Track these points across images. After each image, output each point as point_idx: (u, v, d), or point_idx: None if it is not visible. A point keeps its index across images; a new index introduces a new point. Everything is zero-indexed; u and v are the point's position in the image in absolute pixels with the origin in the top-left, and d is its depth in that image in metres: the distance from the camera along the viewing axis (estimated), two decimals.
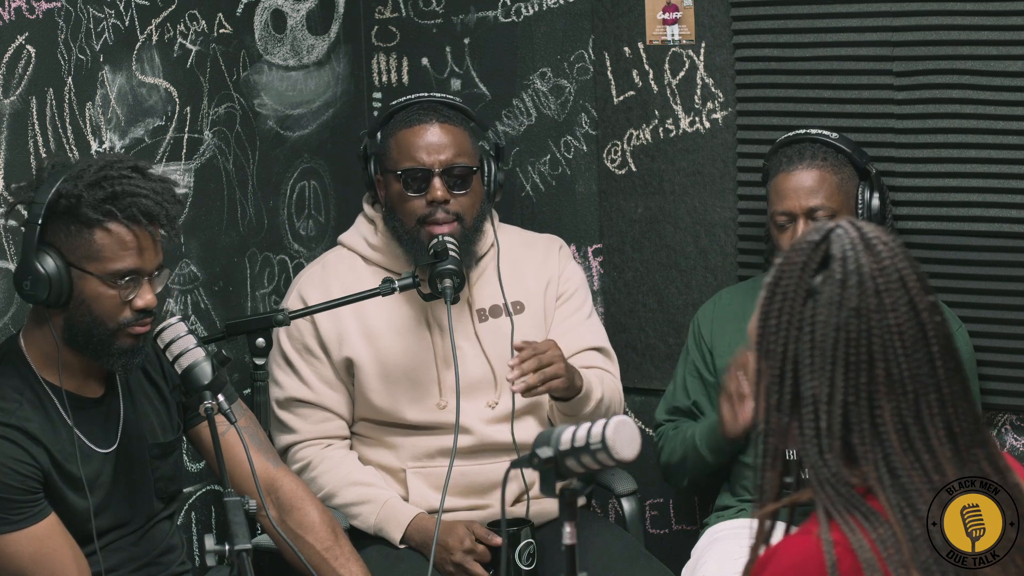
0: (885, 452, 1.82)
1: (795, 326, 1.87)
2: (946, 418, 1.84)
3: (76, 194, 2.67)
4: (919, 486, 1.82)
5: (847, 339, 1.84)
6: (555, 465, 2.08)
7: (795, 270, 1.89)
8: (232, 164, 3.71)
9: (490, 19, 3.99)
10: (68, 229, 2.70)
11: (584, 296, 3.59)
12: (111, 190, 2.68)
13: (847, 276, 1.85)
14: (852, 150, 3.44)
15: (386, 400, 3.43)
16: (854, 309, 1.84)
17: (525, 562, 3.21)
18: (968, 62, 3.44)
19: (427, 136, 3.40)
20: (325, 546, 3.02)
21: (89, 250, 2.70)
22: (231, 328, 3.18)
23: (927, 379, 1.84)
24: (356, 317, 3.42)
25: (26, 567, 2.71)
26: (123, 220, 2.70)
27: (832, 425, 1.84)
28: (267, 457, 3.05)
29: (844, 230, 1.89)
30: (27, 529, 2.71)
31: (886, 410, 1.83)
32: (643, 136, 3.85)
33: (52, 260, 2.69)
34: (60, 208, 2.69)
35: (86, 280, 2.71)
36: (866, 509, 1.81)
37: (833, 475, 1.83)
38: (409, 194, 3.38)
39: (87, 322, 2.73)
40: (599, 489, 3.69)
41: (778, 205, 3.41)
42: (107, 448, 2.84)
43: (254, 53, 3.78)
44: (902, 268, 1.86)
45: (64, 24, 3.23)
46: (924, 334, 1.85)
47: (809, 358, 1.85)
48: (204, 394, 2.69)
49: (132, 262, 2.72)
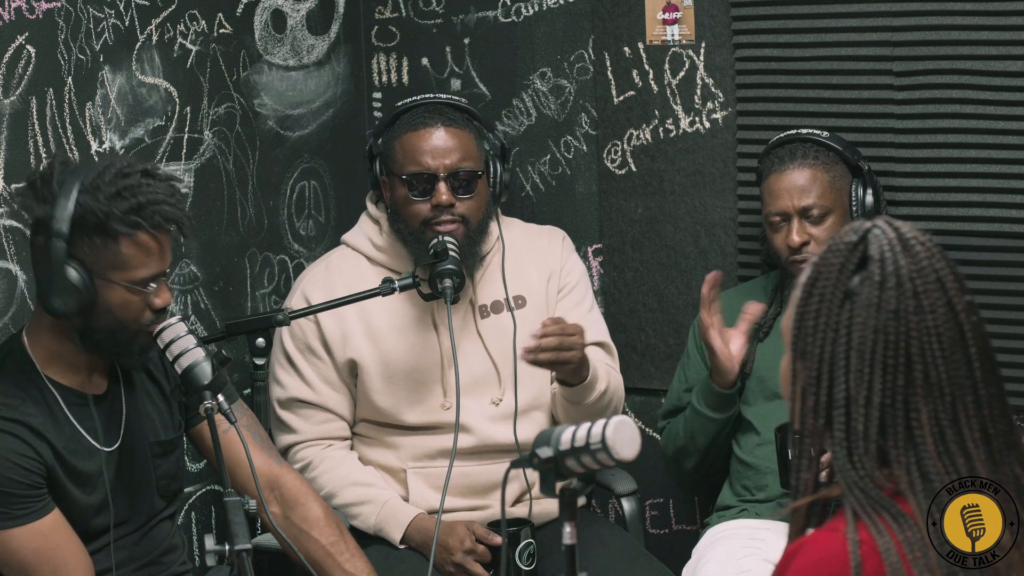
0: (919, 456, 1.81)
1: (832, 328, 1.85)
2: (982, 420, 1.83)
3: (104, 210, 2.67)
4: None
5: (885, 342, 1.83)
6: (555, 465, 2.08)
7: (832, 271, 1.87)
8: (232, 164, 3.71)
9: (490, 19, 3.99)
10: (93, 242, 2.69)
11: (585, 289, 3.60)
12: (135, 201, 2.69)
13: (885, 278, 1.84)
14: (843, 148, 3.44)
15: (389, 401, 3.43)
16: (892, 312, 1.83)
17: (525, 562, 3.21)
18: (968, 62, 3.44)
19: (432, 140, 3.40)
20: (330, 541, 3.03)
21: (115, 260, 2.71)
22: (231, 328, 3.19)
23: (964, 381, 1.83)
24: (360, 317, 3.42)
25: (29, 562, 2.72)
26: (149, 230, 2.71)
27: (869, 428, 1.82)
28: (269, 455, 3.06)
29: (882, 230, 1.87)
30: (30, 524, 2.71)
31: (923, 413, 1.82)
32: (643, 136, 3.85)
33: (77, 273, 2.69)
34: (87, 224, 2.68)
35: (111, 289, 2.72)
36: (895, 511, 1.81)
37: (862, 478, 1.82)
38: (414, 198, 3.38)
39: (110, 327, 2.75)
40: (599, 489, 3.69)
41: (772, 206, 3.42)
42: (110, 446, 2.85)
43: (254, 53, 3.78)
44: (939, 268, 1.85)
45: (64, 24, 3.23)
46: (962, 335, 1.84)
47: (845, 360, 1.84)
48: (204, 394, 2.70)
49: (156, 267, 2.75)
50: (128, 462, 2.87)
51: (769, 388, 3.47)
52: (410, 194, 3.38)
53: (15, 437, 2.72)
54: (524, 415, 3.43)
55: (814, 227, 3.39)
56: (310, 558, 3.01)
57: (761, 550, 3.33)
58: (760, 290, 3.59)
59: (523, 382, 3.43)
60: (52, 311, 2.71)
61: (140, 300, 2.74)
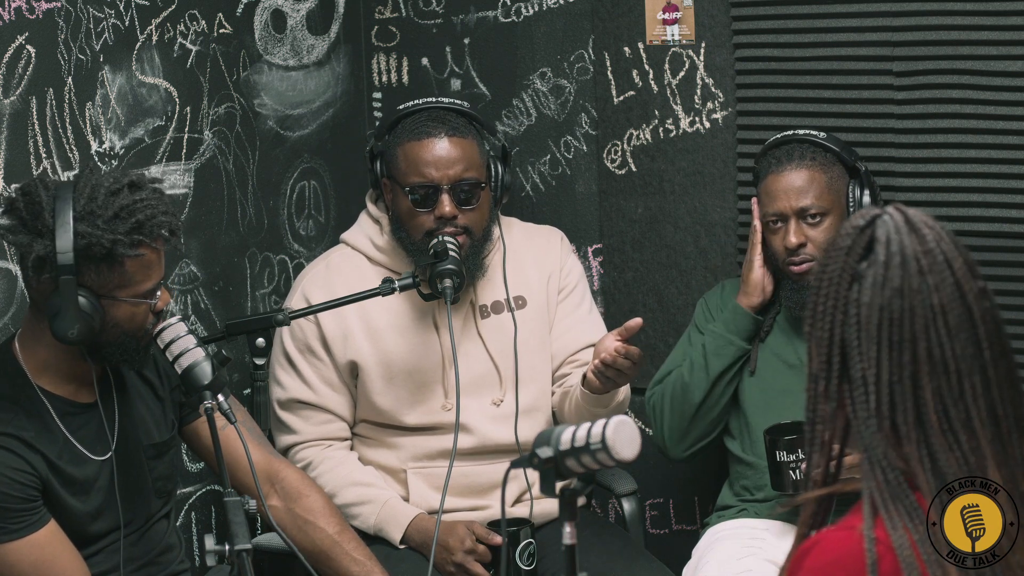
0: (925, 433, 1.83)
1: (840, 310, 1.87)
2: (990, 400, 1.84)
3: (109, 237, 2.66)
4: (955, 470, 1.82)
5: (890, 319, 1.84)
6: (555, 465, 2.08)
7: (840, 254, 1.89)
8: (232, 164, 3.71)
9: (490, 19, 3.99)
10: (100, 268, 2.69)
11: (584, 290, 3.60)
12: (134, 221, 2.69)
13: (890, 257, 1.86)
14: (841, 148, 3.44)
15: (389, 402, 3.43)
16: (897, 289, 1.85)
17: (525, 562, 3.21)
18: (968, 62, 3.44)
19: (436, 150, 3.38)
20: (336, 530, 3.05)
21: (121, 280, 2.71)
22: (231, 328, 3.19)
23: (972, 361, 1.84)
24: (360, 318, 3.42)
25: (27, 575, 2.72)
26: (151, 245, 2.72)
27: (880, 406, 1.84)
28: (266, 450, 3.07)
29: (890, 215, 1.89)
30: (27, 537, 2.71)
31: (927, 390, 1.83)
32: (643, 136, 3.85)
33: (87, 301, 2.69)
34: (94, 254, 2.67)
35: (118, 306, 2.73)
36: (909, 503, 1.82)
37: (883, 455, 1.83)
38: (418, 210, 3.38)
39: (118, 340, 2.76)
40: (599, 489, 3.69)
41: (769, 207, 3.42)
42: (103, 454, 2.84)
43: (254, 53, 3.78)
44: (947, 251, 1.87)
45: (64, 24, 3.23)
46: (970, 316, 1.85)
47: (856, 340, 1.85)
48: (204, 394, 2.70)
49: (157, 276, 2.76)
50: (124, 468, 2.87)
51: (769, 387, 3.47)
52: (413, 206, 3.38)
53: (9, 451, 2.71)
54: (524, 416, 3.43)
55: (811, 228, 3.39)
56: (316, 547, 3.02)
57: (762, 550, 3.33)
58: None
59: (524, 383, 3.43)
60: (65, 340, 2.70)
61: (145, 308, 2.76)
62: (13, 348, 2.81)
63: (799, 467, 3.23)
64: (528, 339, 3.45)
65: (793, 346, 3.47)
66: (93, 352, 2.78)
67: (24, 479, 2.71)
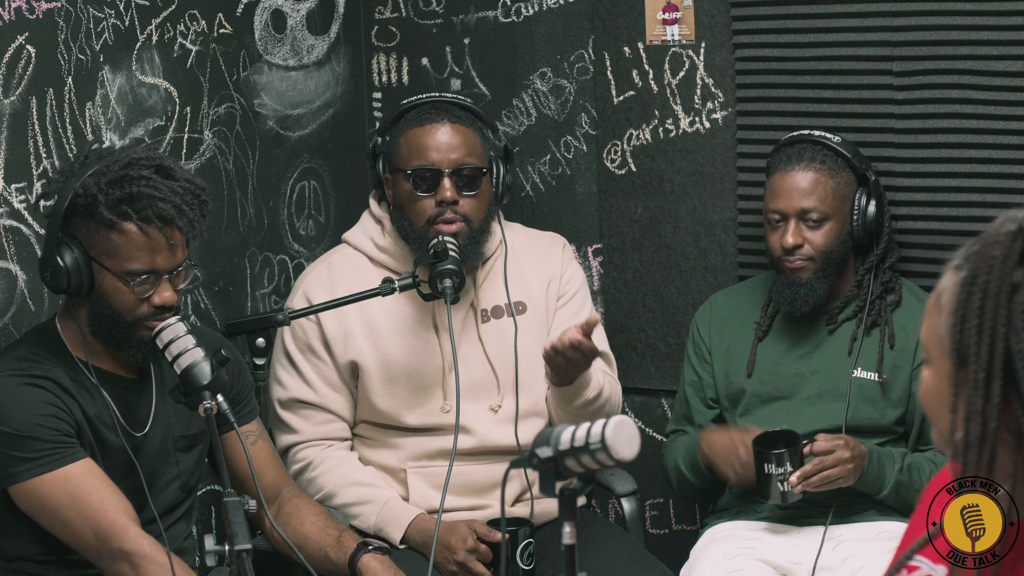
0: None
1: (1003, 323, 1.76)
2: None
3: (93, 193, 2.72)
4: None
5: None
6: (555, 465, 2.08)
7: (995, 264, 1.79)
8: (232, 164, 3.71)
9: (490, 19, 3.99)
10: (88, 224, 2.75)
11: (584, 297, 3.60)
12: (128, 191, 2.72)
13: None
14: (853, 155, 3.43)
15: (389, 403, 3.43)
16: None
17: (525, 562, 3.21)
18: (968, 62, 3.44)
19: (438, 136, 3.40)
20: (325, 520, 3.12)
21: (107, 247, 2.75)
22: (231, 328, 3.19)
23: None
24: (361, 318, 3.42)
25: (64, 505, 2.71)
26: (137, 222, 2.73)
27: None
28: (279, 472, 3.14)
29: None
30: (60, 469, 2.71)
31: None
32: (643, 136, 3.85)
33: (74, 252, 2.74)
34: (78, 205, 2.73)
35: (104, 275, 2.77)
36: None
37: None
38: (419, 194, 3.38)
39: (107, 313, 2.79)
40: (599, 489, 3.69)
41: (772, 203, 3.42)
42: (138, 431, 2.86)
43: (254, 53, 3.78)
44: None
45: (64, 24, 3.23)
46: None
47: None
48: (203, 394, 2.70)
49: (146, 263, 2.76)
50: (151, 451, 2.89)
51: (769, 391, 3.47)
52: (415, 190, 3.38)
53: (43, 390, 2.74)
54: (523, 420, 3.43)
55: (811, 231, 3.39)
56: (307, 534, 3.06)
57: (756, 549, 3.33)
58: (760, 288, 3.58)
59: (523, 388, 3.43)
60: (47, 286, 2.77)
61: (130, 291, 2.76)
62: (55, 323, 2.87)
63: (786, 479, 3.24)
64: (528, 344, 3.45)
65: (792, 347, 3.47)
66: (91, 321, 2.80)
67: (58, 414, 2.73)
